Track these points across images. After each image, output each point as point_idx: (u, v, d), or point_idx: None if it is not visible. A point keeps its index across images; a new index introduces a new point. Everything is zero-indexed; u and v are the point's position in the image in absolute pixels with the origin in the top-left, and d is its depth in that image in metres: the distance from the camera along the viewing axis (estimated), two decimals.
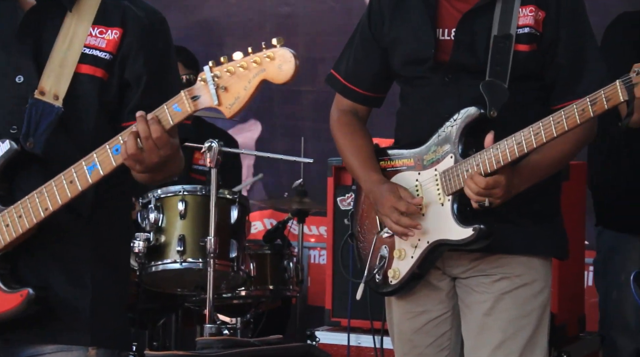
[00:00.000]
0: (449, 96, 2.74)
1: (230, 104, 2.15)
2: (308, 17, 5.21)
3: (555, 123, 2.46)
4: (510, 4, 2.68)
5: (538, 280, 2.77)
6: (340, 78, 2.97)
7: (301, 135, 4.87)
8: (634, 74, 2.33)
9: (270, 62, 2.12)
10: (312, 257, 5.46)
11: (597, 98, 2.39)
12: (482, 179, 2.57)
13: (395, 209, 2.72)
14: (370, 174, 2.84)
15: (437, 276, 2.83)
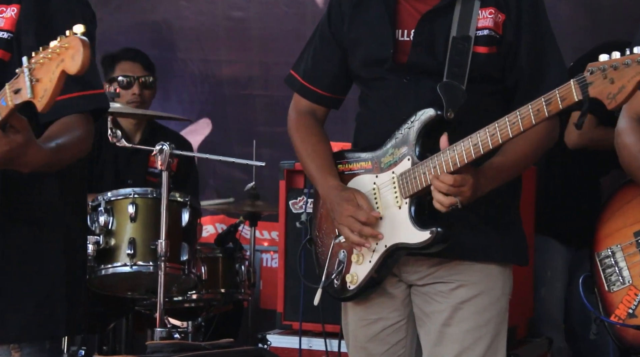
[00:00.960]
0: (407, 98, 2.72)
1: (40, 96, 2.04)
2: (261, 21, 5.20)
3: (511, 123, 2.46)
4: (470, 6, 2.68)
5: (496, 287, 2.75)
6: (299, 78, 2.96)
7: (254, 138, 4.86)
8: (588, 73, 2.33)
9: (66, 51, 2.00)
10: (264, 260, 5.45)
11: (551, 98, 2.39)
12: (450, 177, 2.53)
13: (355, 219, 2.69)
14: (328, 179, 2.82)
15: (393, 283, 2.81)
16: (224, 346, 3.68)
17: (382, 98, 2.79)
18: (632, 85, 2.27)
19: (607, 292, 2.73)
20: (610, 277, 2.72)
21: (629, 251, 2.70)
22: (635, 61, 2.26)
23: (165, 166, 4.00)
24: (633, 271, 2.68)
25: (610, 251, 2.73)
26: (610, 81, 2.29)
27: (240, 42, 5.29)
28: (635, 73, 2.27)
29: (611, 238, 2.74)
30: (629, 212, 2.73)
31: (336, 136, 3.22)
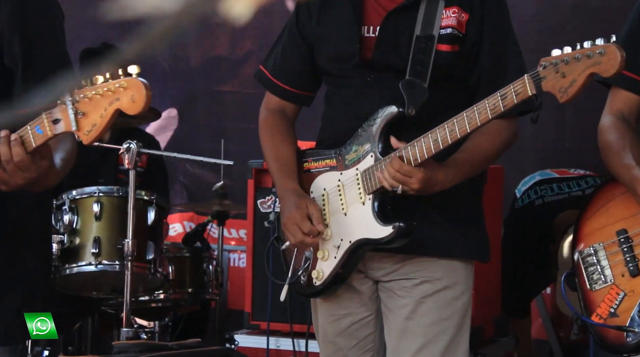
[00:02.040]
0: (371, 96, 2.74)
1: (87, 131, 2.09)
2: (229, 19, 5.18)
3: (469, 119, 2.49)
4: (435, 5, 2.70)
5: (459, 283, 2.77)
6: (268, 74, 2.96)
7: (222, 136, 4.84)
8: (541, 68, 2.36)
9: (124, 91, 2.05)
10: (232, 260, 5.43)
11: (506, 93, 2.42)
12: (397, 163, 2.57)
13: (299, 228, 2.73)
14: (285, 181, 2.84)
15: (360, 280, 2.83)
16: (191, 346, 3.66)
17: (346, 96, 2.81)
18: (583, 79, 2.30)
19: (588, 290, 2.72)
20: (592, 275, 2.71)
21: (611, 250, 2.69)
22: (585, 55, 2.29)
23: (133, 165, 3.96)
24: (615, 270, 2.67)
25: (592, 249, 2.72)
26: (562, 75, 2.32)
27: (208, 39, 5.26)
28: (586, 67, 2.30)
29: (593, 236, 2.73)
30: (612, 211, 2.72)
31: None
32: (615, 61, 2.27)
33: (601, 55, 2.28)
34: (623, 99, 2.73)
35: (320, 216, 2.75)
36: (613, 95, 2.75)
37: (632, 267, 2.63)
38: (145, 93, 2.05)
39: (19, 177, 2.14)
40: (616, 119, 2.72)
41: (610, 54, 2.28)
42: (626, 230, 2.67)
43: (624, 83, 2.71)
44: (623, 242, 2.66)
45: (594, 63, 2.29)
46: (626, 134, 2.68)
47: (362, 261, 2.78)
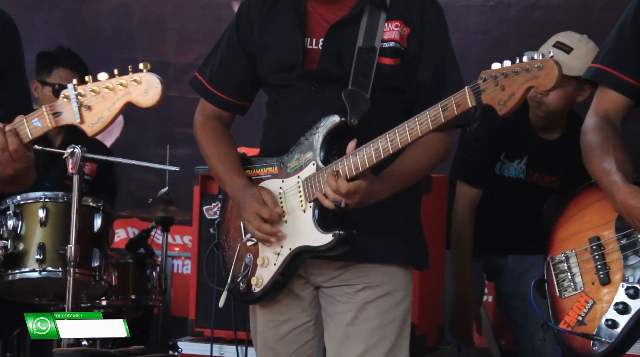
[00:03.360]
0: (315, 105, 2.77)
1: (93, 123, 2.20)
2: (177, 23, 5.17)
3: (410, 129, 2.53)
4: (377, 18, 2.74)
5: (399, 289, 2.82)
6: (205, 82, 2.97)
7: (168, 142, 4.82)
8: (481, 81, 2.40)
9: (137, 85, 2.17)
10: (176, 266, 5.41)
11: (447, 104, 2.46)
12: (344, 184, 2.60)
13: (258, 215, 2.73)
14: (235, 179, 2.85)
15: (300, 285, 2.85)
16: (133, 352, 3.64)
17: (290, 105, 2.83)
18: (521, 93, 2.34)
19: (558, 297, 2.73)
20: (562, 282, 2.72)
21: (583, 257, 2.69)
22: (524, 69, 2.34)
23: (77, 170, 3.93)
24: (585, 278, 2.68)
25: (564, 255, 2.73)
26: (501, 88, 2.37)
27: (156, 43, 5.24)
28: (525, 80, 2.34)
29: (566, 243, 2.74)
30: (587, 217, 2.72)
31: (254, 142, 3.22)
32: (553, 76, 2.31)
33: (539, 69, 2.32)
34: (610, 99, 2.70)
35: (275, 201, 2.76)
36: (600, 95, 2.73)
37: (602, 275, 2.64)
38: (160, 87, 2.17)
39: (10, 167, 2.21)
40: (601, 120, 2.69)
41: (548, 68, 2.32)
42: (599, 238, 2.67)
43: (612, 83, 2.69)
44: (595, 249, 2.67)
45: (532, 77, 2.33)
46: (610, 136, 2.65)
47: (303, 266, 2.81)
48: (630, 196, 2.51)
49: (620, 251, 2.62)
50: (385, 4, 2.76)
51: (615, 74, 2.69)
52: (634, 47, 2.66)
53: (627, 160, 2.62)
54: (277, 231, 2.74)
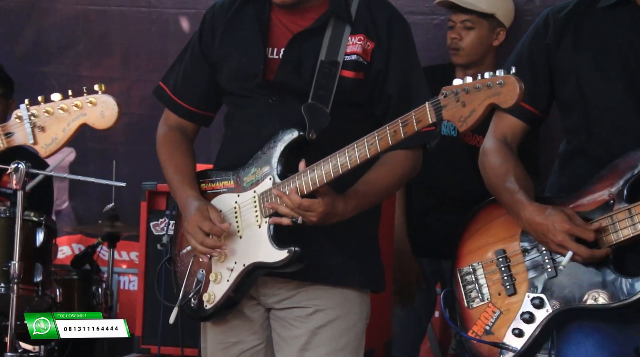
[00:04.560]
0: (272, 118, 2.75)
1: (47, 144, 2.20)
2: (122, 39, 5.14)
3: (369, 144, 2.51)
4: (340, 31, 2.73)
5: (353, 312, 2.79)
6: (169, 91, 2.95)
7: (113, 158, 4.78)
8: (442, 97, 2.40)
9: (93, 107, 2.17)
10: (122, 283, 5.34)
11: (407, 119, 2.46)
12: (296, 198, 2.58)
13: (200, 228, 2.70)
14: (186, 190, 2.82)
15: (251, 307, 2.82)
16: None
17: (247, 117, 2.81)
18: (482, 109, 2.35)
19: (465, 308, 2.78)
20: (470, 293, 2.77)
21: (490, 269, 2.75)
22: (486, 85, 2.35)
23: (21, 185, 3.87)
24: (492, 289, 2.74)
25: (471, 267, 2.78)
26: (462, 104, 2.37)
27: (100, 59, 5.20)
28: (486, 97, 2.35)
29: (473, 255, 2.79)
30: (491, 231, 2.79)
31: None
32: (514, 93, 2.33)
33: (501, 86, 2.34)
34: (507, 123, 2.79)
35: (220, 218, 2.73)
36: (497, 119, 2.82)
37: (508, 286, 2.71)
38: (117, 109, 2.15)
39: None
40: (499, 142, 2.79)
41: (510, 85, 2.33)
42: (504, 250, 2.74)
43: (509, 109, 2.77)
44: (501, 261, 2.74)
45: (494, 94, 2.34)
46: (509, 158, 2.75)
47: (254, 287, 2.77)
48: (536, 213, 2.61)
49: (524, 262, 2.71)
50: (350, 17, 2.75)
51: None
52: (530, 76, 2.74)
53: (527, 179, 2.74)
54: (221, 244, 2.71)
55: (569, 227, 2.55)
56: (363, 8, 2.76)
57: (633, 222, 2.54)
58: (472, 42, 4.12)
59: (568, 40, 2.72)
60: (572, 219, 2.57)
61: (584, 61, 2.69)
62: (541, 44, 2.75)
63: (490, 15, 4.12)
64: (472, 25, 4.12)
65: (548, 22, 2.76)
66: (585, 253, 2.55)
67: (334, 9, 2.74)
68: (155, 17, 5.07)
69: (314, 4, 2.77)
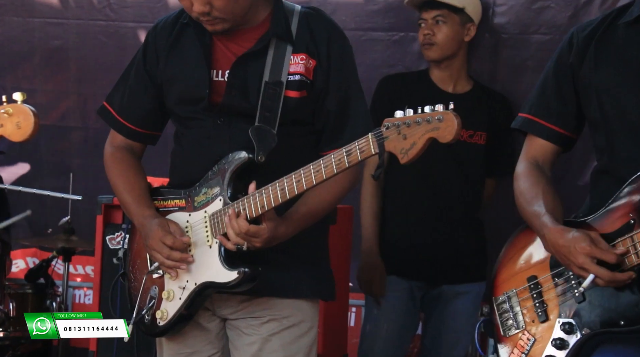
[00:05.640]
0: (221, 139, 2.76)
1: None
2: (79, 52, 5.11)
3: (315, 171, 2.53)
4: (282, 51, 2.75)
5: (305, 321, 2.83)
6: (113, 112, 2.95)
7: (70, 171, 4.74)
8: (384, 129, 2.43)
9: (9, 118, 2.04)
10: (77, 297, 5.30)
11: (351, 150, 2.48)
12: (244, 225, 2.61)
13: (164, 243, 2.71)
14: (143, 209, 2.83)
15: (207, 317, 2.84)
16: None
17: (197, 137, 2.82)
18: (422, 143, 2.38)
19: (502, 336, 2.78)
20: (506, 322, 2.77)
21: (523, 296, 2.74)
22: (425, 120, 2.37)
23: None
24: (526, 316, 2.73)
25: (506, 295, 2.78)
26: (403, 137, 2.40)
27: (56, 72, 5.16)
28: (425, 131, 2.38)
29: (508, 283, 2.79)
30: (524, 257, 2.77)
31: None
32: (452, 128, 2.35)
33: (439, 121, 2.36)
34: (537, 146, 2.80)
35: (181, 231, 2.75)
36: (528, 143, 2.83)
37: (540, 312, 2.70)
38: (33, 120, 2.03)
39: None
40: (530, 165, 2.79)
41: (448, 121, 2.36)
42: (536, 276, 2.73)
43: (538, 131, 2.80)
44: (533, 288, 2.72)
45: (433, 128, 2.37)
46: (539, 181, 2.75)
47: (209, 298, 2.79)
48: (558, 235, 2.59)
49: (555, 288, 2.69)
50: (291, 37, 2.77)
51: (541, 123, 2.79)
52: (556, 97, 2.76)
53: (556, 202, 2.72)
54: (187, 256, 2.73)
55: (590, 250, 2.52)
56: (303, 27, 2.79)
57: None
58: (445, 36, 4.14)
59: (590, 59, 2.71)
60: (595, 242, 2.54)
61: (604, 79, 2.69)
62: (566, 64, 2.75)
63: (460, 10, 4.17)
64: (444, 19, 4.16)
65: (572, 41, 2.76)
66: (606, 276, 2.51)
67: (274, 30, 2.76)
68: (113, 30, 5.05)
69: (254, 25, 2.80)
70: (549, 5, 4.44)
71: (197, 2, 2.67)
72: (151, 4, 4.97)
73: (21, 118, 2.04)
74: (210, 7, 2.68)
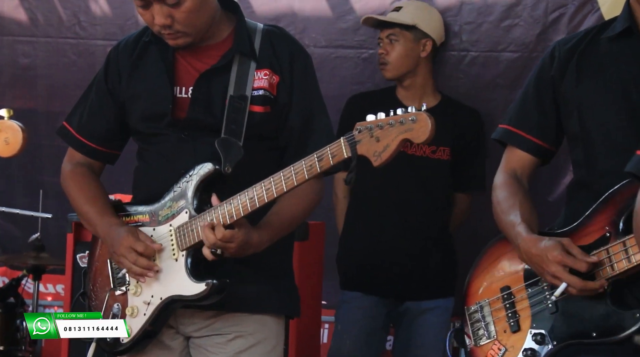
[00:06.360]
0: (186, 152, 2.76)
1: None
2: (49, 70, 5.09)
3: (285, 178, 2.53)
4: (247, 67, 2.76)
5: (270, 337, 2.82)
6: (73, 131, 2.94)
7: (40, 188, 4.72)
8: (356, 132, 2.43)
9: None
10: None
11: (323, 154, 2.48)
12: (221, 231, 2.58)
13: (133, 249, 2.70)
14: (108, 218, 2.82)
15: (170, 335, 2.82)
16: None
17: (161, 152, 2.82)
18: (396, 144, 2.39)
19: (474, 346, 2.78)
20: (477, 331, 2.77)
21: (496, 306, 2.75)
22: (399, 122, 2.38)
23: None
24: (498, 326, 2.73)
25: (478, 305, 2.78)
26: (376, 139, 2.40)
27: (26, 90, 5.14)
28: (399, 132, 2.38)
29: (480, 293, 2.79)
30: (498, 268, 2.78)
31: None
32: (426, 128, 2.36)
33: (413, 122, 2.37)
34: (516, 157, 2.81)
35: (151, 239, 2.73)
36: (507, 154, 2.85)
37: (512, 322, 2.70)
38: (22, 135, 2.05)
39: None
40: (508, 176, 2.80)
41: (421, 121, 2.36)
42: (509, 287, 2.74)
43: (518, 142, 2.81)
44: (506, 298, 2.73)
45: (406, 129, 2.37)
46: (517, 192, 2.76)
47: (173, 315, 2.78)
48: (532, 245, 2.60)
49: (528, 299, 2.70)
50: (254, 53, 2.78)
51: (521, 134, 2.81)
52: (536, 109, 2.78)
53: (533, 214, 2.73)
54: (154, 264, 2.71)
55: (561, 258, 2.53)
56: (266, 43, 2.80)
57: (627, 254, 2.50)
58: (398, 55, 4.21)
59: (571, 72, 2.72)
60: (567, 250, 2.55)
61: (585, 93, 2.70)
62: (547, 76, 2.77)
63: (412, 27, 4.21)
64: (396, 38, 4.23)
65: (554, 55, 2.77)
66: (578, 285, 2.52)
67: (238, 46, 2.78)
68: (82, 48, 5.04)
69: (217, 41, 2.81)
70: (517, 24, 4.49)
71: (158, 15, 2.68)
72: (121, 21, 4.97)
73: (9, 134, 2.07)
74: (172, 19, 2.69)
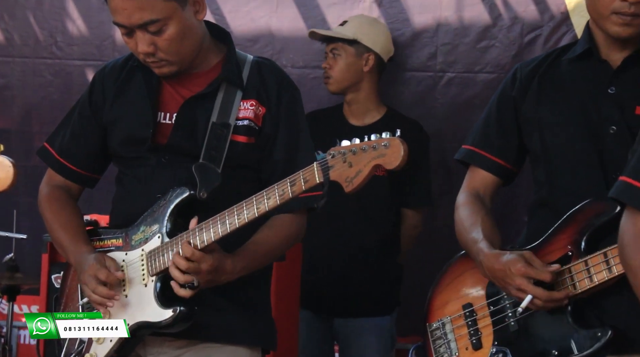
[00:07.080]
0: (164, 177, 2.75)
1: None
2: (24, 90, 5.07)
3: (257, 203, 2.51)
4: (232, 96, 2.75)
5: None
6: (54, 153, 2.93)
7: (14, 209, 4.68)
8: (330, 157, 2.42)
9: None
10: (22, 337, 5.21)
11: (296, 179, 2.46)
12: (189, 249, 2.55)
13: (95, 277, 2.67)
14: (80, 246, 2.80)
15: None
16: None
17: (138, 177, 2.81)
18: (368, 170, 2.38)
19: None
20: (439, 348, 2.78)
21: (457, 323, 2.77)
22: (372, 147, 2.38)
23: None
24: (460, 343, 2.75)
25: (440, 322, 2.80)
26: (349, 165, 2.40)
27: (1, 110, 5.12)
28: (371, 158, 2.38)
29: (442, 310, 2.81)
30: (461, 285, 2.81)
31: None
32: (398, 154, 2.36)
33: (386, 148, 2.37)
34: (479, 177, 2.87)
35: (117, 267, 2.71)
36: (470, 174, 2.89)
37: (474, 340, 2.72)
38: (12, 171, 2.03)
39: None
40: (470, 195, 2.85)
41: (394, 147, 2.36)
42: (471, 304, 2.76)
43: (479, 162, 2.86)
44: (468, 315, 2.75)
45: (379, 155, 2.37)
46: (479, 210, 2.80)
47: (142, 344, 2.74)
48: (494, 260, 2.63)
49: (490, 316, 2.72)
50: (241, 83, 2.77)
51: (483, 154, 2.86)
52: (498, 130, 2.83)
53: (494, 231, 2.77)
54: (114, 294, 2.67)
55: (525, 270, 2.57)
56: (254, 74, 2.79)
57: (589, 273, 2.54)
58: (339, 69, 4.28)
59: (533, 94, 2.78)
60: (529, 262, 2.59)
61: (546, 113, 2.75)
62: (509, 97, 2.82)
63: (354, 41, 4.24)
64: (338, 52, 4.30)
65: (516, 76, 2.83)
66: (543, 295, 2.56)
67: (225, 74, 2.77)
68: (59, 68, 5.02)
69: (205, 69, 2.80)
70: (493, 45, 4.54)
71: (141, 42, 2.67)
72: (98, 41, 4.97)
73: (0, 170, 2.03)
74: (155, 47, 2.67)
